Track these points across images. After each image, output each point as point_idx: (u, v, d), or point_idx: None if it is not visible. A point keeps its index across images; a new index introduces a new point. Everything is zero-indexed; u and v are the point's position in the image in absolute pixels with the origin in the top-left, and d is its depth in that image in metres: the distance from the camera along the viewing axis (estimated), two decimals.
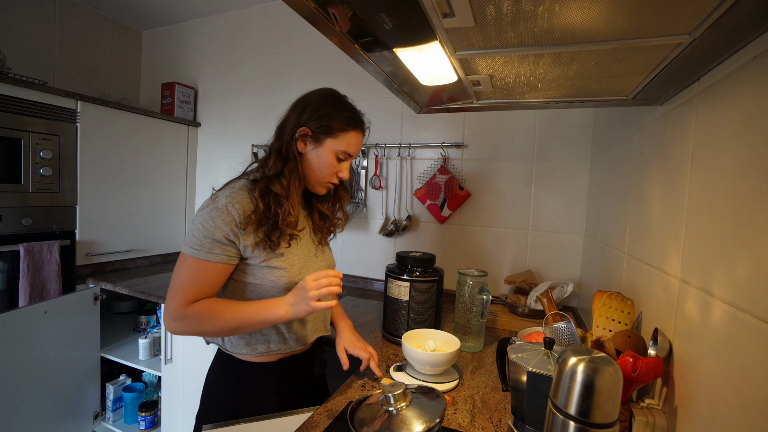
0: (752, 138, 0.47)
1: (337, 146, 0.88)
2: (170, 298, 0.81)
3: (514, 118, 1.64)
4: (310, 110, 0.88)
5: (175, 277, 0.82)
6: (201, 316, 0.80)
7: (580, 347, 0.62)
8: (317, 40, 2.02)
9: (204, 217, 0.82)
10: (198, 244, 0.80)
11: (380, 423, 0.60)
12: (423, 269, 1.17)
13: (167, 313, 0.82)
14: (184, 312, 0.80)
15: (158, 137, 2.17)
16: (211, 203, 0.83)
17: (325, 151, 0.88)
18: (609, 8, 0.46)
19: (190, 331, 0.83)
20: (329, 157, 0.88)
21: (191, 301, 0.81)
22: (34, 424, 1.47)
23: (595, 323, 0.84)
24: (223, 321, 0.81)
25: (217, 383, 0.94)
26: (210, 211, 0.82)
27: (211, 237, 0.80)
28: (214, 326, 0.82)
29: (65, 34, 2.16)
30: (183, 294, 0.80)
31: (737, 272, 0.48)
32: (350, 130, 0.89)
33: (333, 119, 0.87)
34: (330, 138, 0.88)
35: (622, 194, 1.03)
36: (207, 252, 0.80)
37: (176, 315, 0.80)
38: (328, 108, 0.88)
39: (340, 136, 0.88)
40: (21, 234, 1.60)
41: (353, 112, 0.91)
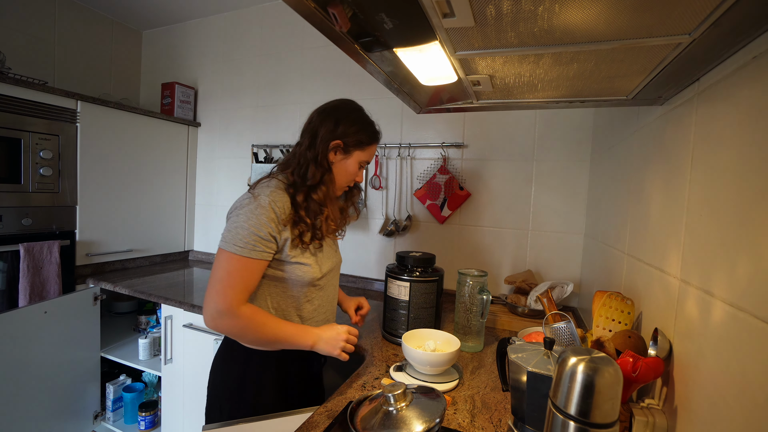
0: (752, 138, 0.47)
1: (362, 157, 0.98)
2: (218, 295, 0.83)
3: (514, 118, 1.64)
4: (345, 125, 0.95)
5: (219, 274, 0.84)
6: (250, 321, 0.85)
7: (580, 347, 0.62)
8: (317, 40, 2.02)
9: (248, 214, 0.85)
10: (243, 242, 0.84)
11: (380, 423, 0.60)
12: (423, 269, 1.17)
13: (214, 309, 0.83)
14: (238, 311, 0.83)
15: (158, 137, 2.17)
16: (254, 201, 0.86)
17: (353, 162, 0.98)
18: (609, 8, 0.46)
19: (234, 332, 0.87)
20: (355, 167, 0.98)
21: (242, 300, 0.84)
22: (34, 424, 1.47)
23: (595, 323, 0.84)
24: (265, 333, 0.87)
25: (222, 366, 0.97)
26: (254, 209, 0.85)
27: (257, 234, 0.84)
28: (255, 335, 0.87)
29: (65, 34, 2.16)
30: (233, 292, 0.83)
31: (737, 272, 0.48)
32: (374, 143, 1.00)
33: (363, 134, 0.96)
34: (358, 151, 0.97)
35: (622, 194, 1.03)
36: (252, 249, 0.84)
37: (227, 312, 0.83)
38: (360, 124, 0.97)
39: (366, 149, 0.98)
40: (21, 234, 1.60)
41: (375, 126, 1.01)
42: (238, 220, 0.85)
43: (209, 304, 0.84)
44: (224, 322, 0.84)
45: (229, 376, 0.95)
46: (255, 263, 0.85)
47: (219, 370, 0.98)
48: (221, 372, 0.97)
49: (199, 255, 2.41)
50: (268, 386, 0.94)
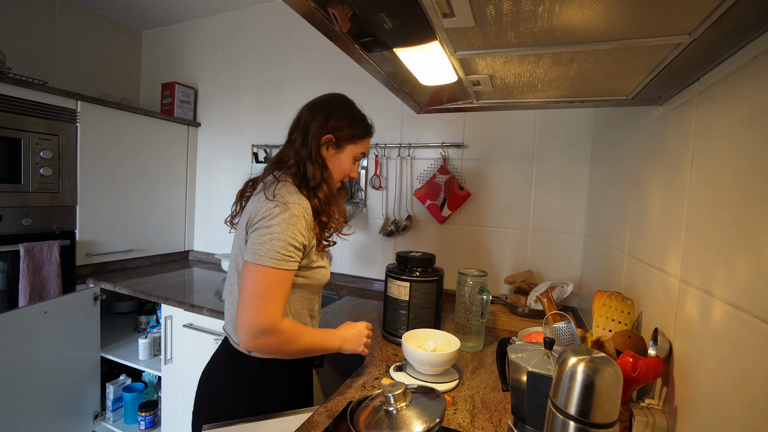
0: (752, 138, 0.47)
1: (356, 151, 0.96)
2: (260, 313, 0.78)
3: (514, 118, 1.64)
4: (336, 119, 0.92)
5: (257, 290, 0.79)
6: (290, 335, 0.82)
7: (580, 347, 0.62)
8: (317, 40, 2.02)
9: (282, 224, 0.81)
10: (279, 255, 0.80)
11: (380, 423, 0.60)
12: (423, 269, 1.17)
13: (257, 329, 0.78)
14: (281, 327, 0.80)
15: (158, 137, 2.17)
16: (286, 210, 0.82)
17: (346, 156, 0.95)
18: (609, 8, 0.46)
19: (276, 348, 0.82)
20: (348, 162, 0.96)
21: (282, 315, 0.81)
22: (34, 424, 1.47)
23: (595, 323, 0.84)
24: (303, 344, 0.85)
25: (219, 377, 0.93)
26: (288, 218, 0.81)
27: (292, 245, 0.82)
28: (294, 347, 0.84)
29: (65, 34, 2.16)
30: (275, 308, 0.79)
31: (737, 272, 0.48)
32: (366, 137, 0.97)
33: (355, 128, 0.94)
34: (351, 145, 0.95)
35: (622, 194, 1.03)
36: (288, 260, 0.81)
37: (272, 330, 0.78)
38: (351, 118, 0.94)
39: (359, 143, 0.96)
40: (21, 234, 1.60)
41: (367, 120, 0.99)
42: (272, 231, 0.80)
43: (249, 323, 0.78)
44: (268, 340, 0.79)
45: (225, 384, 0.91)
46: (290, 274, 0.83)
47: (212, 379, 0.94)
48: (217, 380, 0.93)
49: (199, 255, 2.41)
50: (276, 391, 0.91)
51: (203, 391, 0.95)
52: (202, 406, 0.93)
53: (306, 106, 0.96)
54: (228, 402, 0.90)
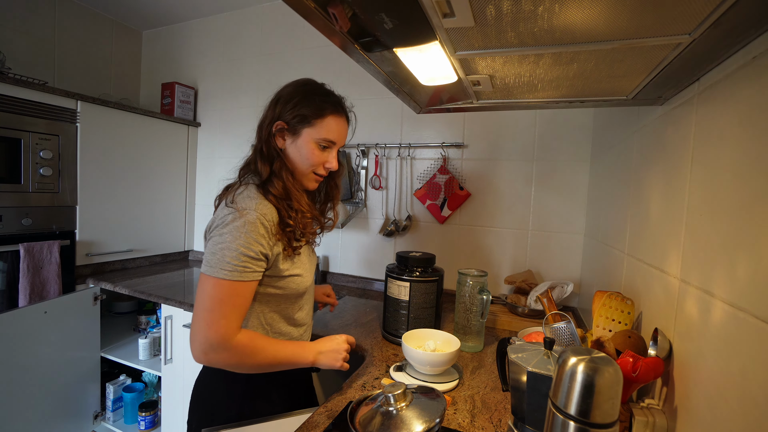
0: (752, 138, 0.47)
1: (316, 134, 0.84)
2: (209, 327, 0.73)
3: (514, 118, 1.64)
4: (282, 102, 0.85)
5: (207, 303, 0.74)
6: (246, 349, 0.76)
7: (580, 347, 0.62)
8: (317, 40, 2.02)
9: (235, 234, 0.74)
10: (231, 265, 0.74)
11: (380, 423, 0.60)
12: (423, 269, 1.17)
13: (205, 344, 0.73)
14: (232, 342, 0.74)
15: (158, 137, 2.17)
16: (239, 216, 0.76)
17: (305, 142, 0.84)
18: (609, 8, 0.46)
19: (231, 363, 0.77)
20: (309, 147, 0.84)
21: (236, 329, 0.75)
22: (34, 424, 1.47)
23: (595, 323, 0.84)
24: (264, 359, 0.78)
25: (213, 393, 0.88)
26: (241, 226, 0.75)
27: (246, 254, 0.75)
28: (253, 362, 0.78)
29: (65, 34, 2.16)
30: (226, 322, 0.74)
31: (737, 272, 0.48)
32: (326, 116, 0.84)
33: (305, 106, 0.83)
34: (307, 127, 0.84)
35: (622, 194, 1.03)
36: (242, 271, 0.75)
37: (221, 345, 0.73)
38: (302, 95, 0.84)
39: (317, 124, 0.84)
40: (21, 234, 1.60)
41: (328, 96, 0.87)
42: (223, 240, 0.75)
43: (198, 337, 0.74)
44: (219, 356, 0.74)
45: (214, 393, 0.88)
46: (246, 286, 0.76)
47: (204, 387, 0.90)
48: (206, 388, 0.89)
49: (199, 255, 2.41)
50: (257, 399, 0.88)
51: (195, 402, 0.91)
52: (194, 416, 0.90)
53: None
54: (219, 412, 0.87)
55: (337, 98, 0.88)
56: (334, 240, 2.01)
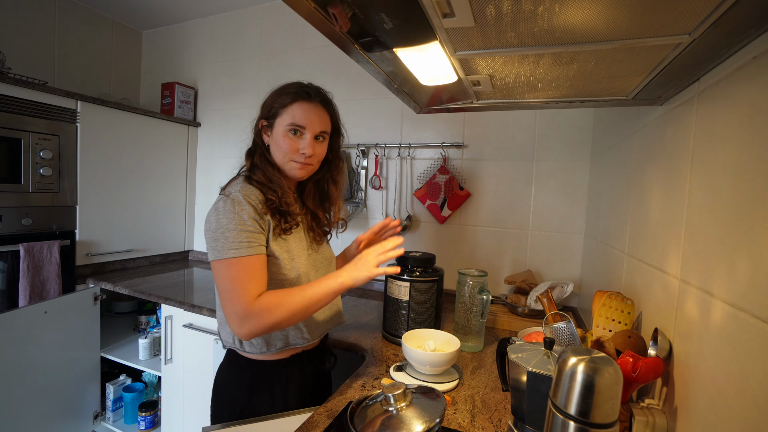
0: (752, 138, 0.47)
1: (284, 122, 0.89)
2: (232, 303, 0.78)
3: (514, 118, 1.64)
4: (262, 105, 0.93)
5: (225, 285, 0.79)
6: (272, 305, 0.78)
7: (580, 347, 0.62)
8: (317, 40, 2.02)
9: (229, 215, 0.80)
10: (237, 243, 0.79)
11: (380, 423, 0.60)
12: (423, 269, 1.17)
13: (236, 319, 0.77)
14: (252, 309, 0.77)
15: (158, 137, 2.17)
16: (227, 200, 0.82)
17: (278, 132, 0.90)
18: (609, 8, 0.46)
19: (264, 327, 0.78)
20: (281, 135, 0.89)
21: (256, 295, 0.79)
22: (34, 424, 1.47)
23: (595, 323, 0.84)
24: (293, 305, 0.79)
25: (229, 385, 0.93)
26: (231, 208, 0.81)
27: (246, 230, 0.80)
28: (285, 313, 0.78)
29: (65, 34, 2.16)
30: (246, 293, 0.78)
31: (737, 272, 0.48)
32: (291, 104, 0.89)
33: (275, 101, 0.90)
34: (278, 119, 0.90)
35: (622, 194, 1.03)
36: (248, 246, 0.80)
37: (248, 313, 0.77)
38: (273, 96, 0.92)
39: (284, 112, 0.89)
40: (21, 234, 1.60)
41: (295, 87, 0.91)
42: (220, 225, 0.80)
43: (230, 317, 0.79)
44: (252, 324, 0.77)
45: (237, 385, 0.91)
46: (256, 259, 0.81)
47: (224, 383, 0.94)
48: (227, 381, 0.94)
49: (199, 255, 2.41)
50: (277, 393, 0.91)
51: (214, 395, 0.96)
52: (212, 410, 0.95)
53: None
54: (228, 404, 0.91)
55: (304, 86, 0.91)
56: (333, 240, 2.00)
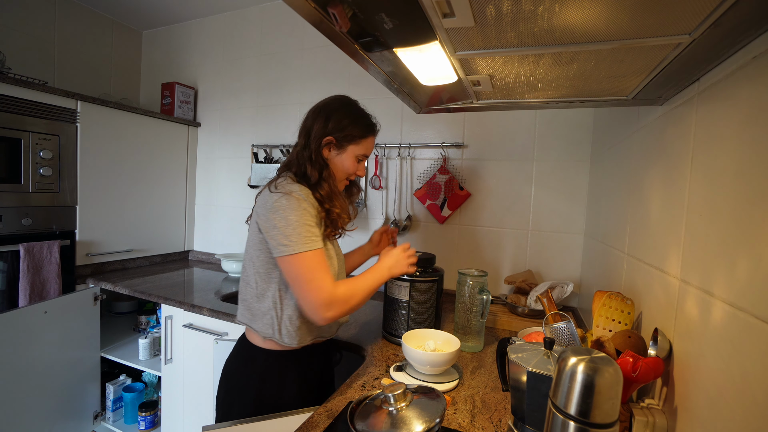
0: (752, 138, 0.47)
1: (358, 151, 0.99)
2: (315, 291, 0.85)
3: (514, 118, 1.64)
4: (334, 120, 0.96)
5: (305, 276, 0.85)
6: (347, 294, 0.88)
7: (580, 347, 0.62)
8: (317, 40, 2.02)
9: (296, 212, 0.86)
10: (308, 238, 0.86)
11: (380, 423, 0.60)
12: (423, 269, 1.17)
13: (322, 306, 0.85)
14: (336, 295, 0.86)
15: (158, 137, 2.17)
16: (290, 197, 0.87)
17: (348, 156, 0.98)
18: (609, 8, 0.46)
19: (345, 311, 0.89)
20: (351, 161, 0.99)
21: (335, 284, 0.88)
22: (34, 423, 1.47)
23: (595, 323, 0.84)
24: (362, 292, 0.91)
25: (241, 374, 0.98)
26: (297, 205, 0.87)
27: (311, 226, 0.88)
28: (359, 299, 0.90)
29: (65, 34, 2.16)
30: (326, 283, 0.86)
31: (737, 272, 0.48)
32: (369, 136, 1.00)
33: (355, 128, 0.97)
34: (352, 145, 0.98)
35: (622, 194, 1.03)
36: (316, 240, 0.88)
37: (332, 301, 0.86)
38: (351, 118, 0.98)
39: (361, 143, 0.98)
40: (21, 234, 1.60)
41: (369, 119, 1.01)
42: (289, 220, 0.85)
43: (314, 305, 0.85)
44: (334, 310, 0.86)
45: (248, 377, 0.96)
46: (321, 252, 0.89)
47: (236, 372, 0.99)
48: (239, 373, 0.98)
49: (199, 255, 2.41)
50: (288, 384, 0.96)
51: (223, 383, 1.00)
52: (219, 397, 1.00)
53: (311, 109, 1.00)
54: (239, 392, 0.95)
55: (373, 120, 1.02)
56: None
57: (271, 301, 0.93)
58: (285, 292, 0.93)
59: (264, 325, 0.94)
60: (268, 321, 0.94)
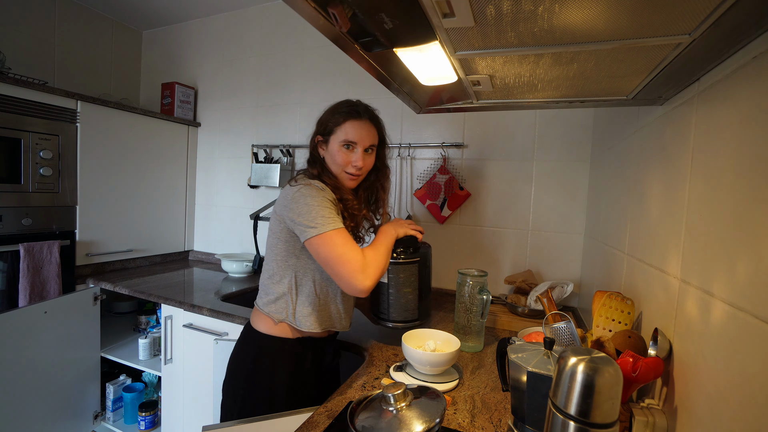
0: (752, 138, 0.47)
1: (338, 138, 1.01)
2: (348, 264, 0.89)
3: (514, 118, 1.64)
4: (318, 122, 1.06)
5: (336, 251, 0.89)
6: (373, 258, 0.93)
7: (580, 347, 0.62)
8: (317, 40, 2.02)
9: (316, 198, 0.92)
10: (331, 219, 0.91)
11: (380, 423, 0.60)
12: (404, 250, 1.13)
13: (359, 274, 0.88)
14: (366, 262, 0.91)
15: (158, 137, 2.17)
16: (309, 186, 0.94)
17: (333, 147, 1.02)
18: (609, 8, 0.46)
19: (379, 273, 0.93)
20: (337, 150, 1.01)
21: (361, 251, 0.92)
22: (34, 423, 1.47)
23: (595, 323, 0.84)
24: (382, 254, 0.96)
25: (247, 356, 1.04)
26: (316, 192, 0.93)
27: (328, 208, 0.92)
28: (383, 261, 0.96)
29: (65, 34, 2.16)
30: (356, 253, 0.90)
31: (737, 272, 0.48)
32: (344, 122, 1.01)
33: (329, 121, 1.02)
34: (333, 135, 1.02)
35: (622, 194, 1.03)
36: (336, 221, 0.92)
37: (364, 266, 0.90)
38: (327, 114, 1.04)
39: (338, 130, 1.01)
40: (21, 234, 1.60)
41: (347, 106, 1.03)
42: (311, 208, 0.91)
43: (350, 276, 0.88)
44: (370, 271, 0.90)
45: (245, 363, 1.02)
46: (345, 230, 0.93)
47: (236, 359, 1.04)
48: (239, 360, 1.04)
49: (199, 255, 2.41)
50: (282, 373, 1.00)
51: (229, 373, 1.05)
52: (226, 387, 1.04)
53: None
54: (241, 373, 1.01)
55: (354, 105, 1.04)
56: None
57: (287, 286, 1.01)
58: (301, 278, 1.01)
59: (278, 308, 1.00)
60: (283, 305, 1.00)
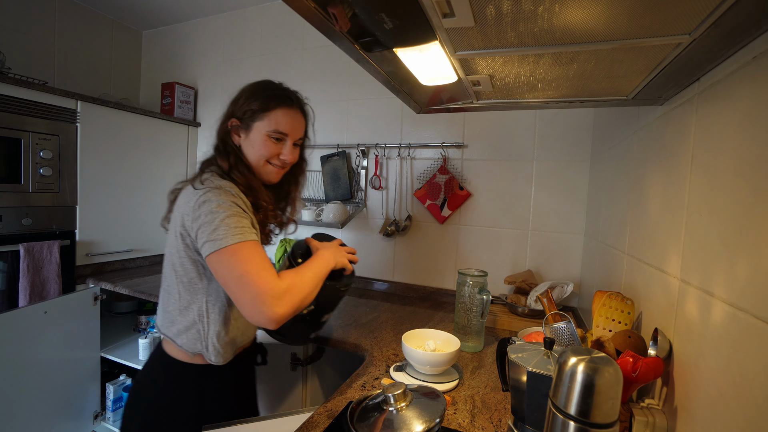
0: (752, 138, 0.47)
1: (266, 127, 0.86)
2: (257, 284, 0.72)
3: (514, 118, 1.64)
4: (235, 100, 0.89)
5: (239, 269, 0.73)
6: (294, 284, 0.77)
7: (580, 347, 0.62)
8: (317, 40, 2.02)
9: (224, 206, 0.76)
10: (239, 229, 0.75)
11: (380, 423, 0.60)
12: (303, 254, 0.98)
13: (268, 298, 0.72)
14: (281, 287, 0.74)
15: (158, 137, 2.17)
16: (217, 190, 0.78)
17: (255, 136, 0.87)
18: (609, 8, 0.46)
19: (296, 304, 0.76)
20: (260, 141, 0.87)
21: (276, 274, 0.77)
22: (34, 424, 1.47)
23: (595, 323, 0.84)
24: (308, 281, 0.80)
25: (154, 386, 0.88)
26: (225, 199, 0.77)
27: (243, 218, 0.77)
28: (307, 289, 0.79)
29: (65, 34, 2.16)
30: (267, 273, 0.74)
31: (737, 272, 0.48)
32: (275, 108, 0.87)
33: (255, 101, 0.86)
34: (257, 121, 0.86)
35: (622, 194, 1.03)
36: (249, 232, 0.76)
37: (277, 292, 0.73)
38: (249, 92, 0.88)
39: (266, 117, 0.86)
40: (21, 234, 1.60)
41: (277, 90, 0.89)
42: (216, 216, 0.75)
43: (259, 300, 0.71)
44: (287, 300, 0.74)
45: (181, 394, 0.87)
46: (257, 243, 0.78)
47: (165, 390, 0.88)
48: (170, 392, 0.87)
49: None
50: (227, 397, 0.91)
51: (135, 403, 0.89)
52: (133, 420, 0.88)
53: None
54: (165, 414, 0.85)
55: (286, 91, 0.90)
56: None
57: (196, 314, 0.83)
58: (213, 305, 0.84)
59: (190, 341, 0.84)
60: (194, 335, 0.84)
